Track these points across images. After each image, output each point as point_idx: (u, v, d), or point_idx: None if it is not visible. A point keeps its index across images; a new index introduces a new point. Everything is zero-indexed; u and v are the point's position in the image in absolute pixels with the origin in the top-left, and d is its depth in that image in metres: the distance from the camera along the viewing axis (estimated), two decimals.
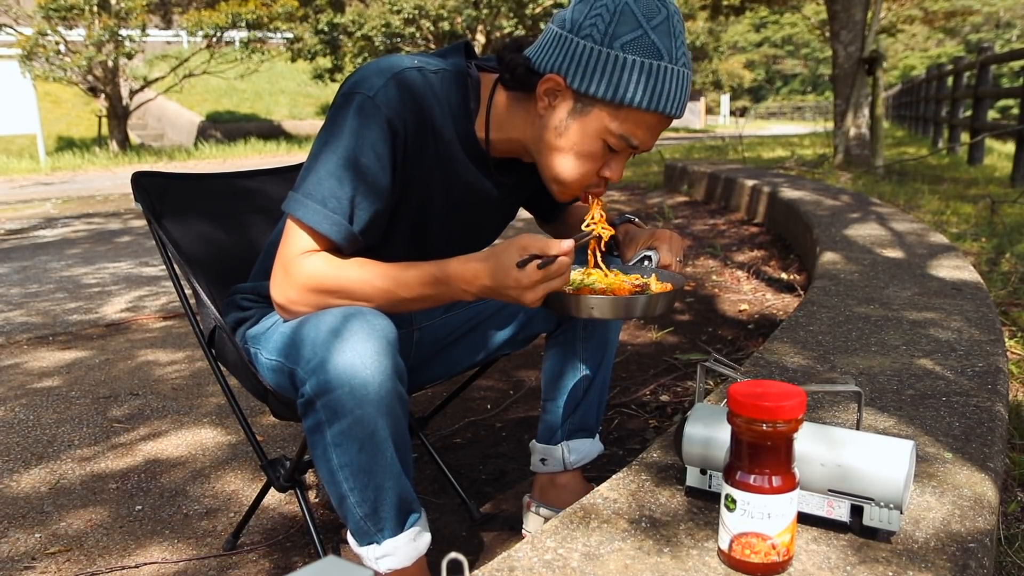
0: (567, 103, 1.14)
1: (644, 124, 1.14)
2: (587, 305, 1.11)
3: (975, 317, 1.98)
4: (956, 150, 9.96)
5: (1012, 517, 1.51)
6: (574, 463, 1.54)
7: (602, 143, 1.15)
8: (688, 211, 6.28)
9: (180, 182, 1.55)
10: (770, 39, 54.69)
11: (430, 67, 1.18)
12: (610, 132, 1.13)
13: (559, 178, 1.20)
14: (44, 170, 12.87)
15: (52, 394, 2.54)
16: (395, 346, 1.08)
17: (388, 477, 1.12)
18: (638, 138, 1.15)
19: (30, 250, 5.40)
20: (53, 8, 13.00)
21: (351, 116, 1.13)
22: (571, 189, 1.21)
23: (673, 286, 1.20)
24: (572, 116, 1.14)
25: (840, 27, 7.60)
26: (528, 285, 1.05)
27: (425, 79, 1.16)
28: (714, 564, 0.92)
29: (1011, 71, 29.08)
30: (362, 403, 1.05)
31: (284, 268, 1.15)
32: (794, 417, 0.85)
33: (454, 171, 1.24)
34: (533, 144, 1.20)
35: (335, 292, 1.13)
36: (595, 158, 1.17)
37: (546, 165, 1.20)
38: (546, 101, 1.15)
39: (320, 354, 1.05)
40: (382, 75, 1.13)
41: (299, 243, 1.14)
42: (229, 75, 16.41)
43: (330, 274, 1.13)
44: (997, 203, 5.05)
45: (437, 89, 1.18)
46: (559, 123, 1.15)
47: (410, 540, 1.17)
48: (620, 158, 1.19)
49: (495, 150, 1.25)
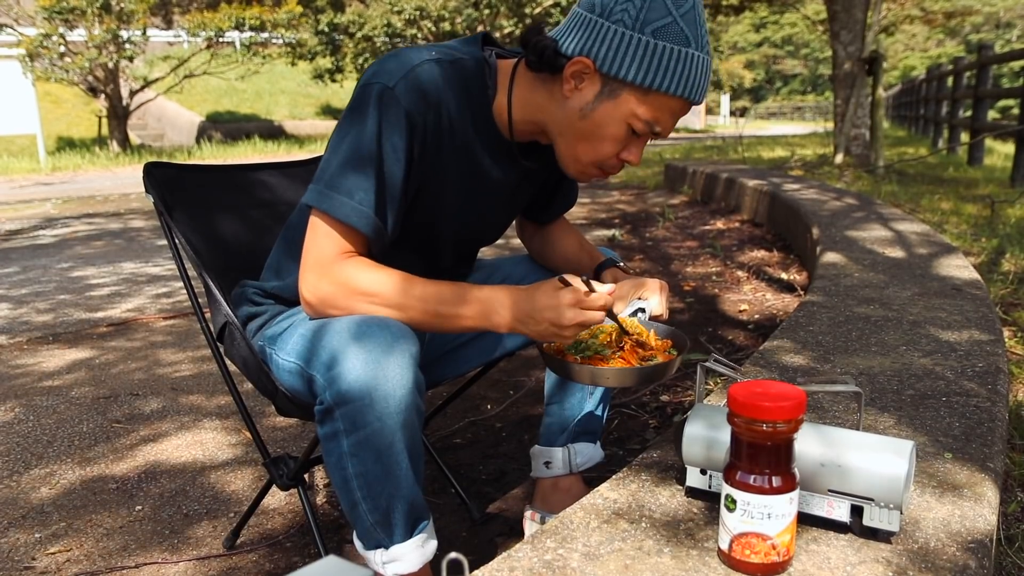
0: (595, 86, 1.15)
1: (669, 109, 1.15)
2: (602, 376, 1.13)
3: (975, 317, 1.98)
4: (956, 150, 9.95)
5: (1012, 517, 1.51)
6: (579, 466, 1.53)
7: (627, 127, 1.16)
8: (688, 211, 6.28)
9: (191, 174, 1.54)
10: (770, 39, 54.68)
11: (448, 57, 1.19)
12: (636, 116, 1.15)
13: (580, 158, 1.21)
14: (44, 170, 12.87)
15: (52, 394, 2.54)
16: (417, 359, 1.08)
17: (401, 487, 1.12)
18: (662, 123, 1.16)
19: (30, 250, 5.40)
20: (56, 10, 13.00)
21: (371, 107, 1.13)
22: (588, 170, 1.23)
23: (673, 341, 1.23)
24: (599, 99, 1.15)
25: (840, 27, 7.60)
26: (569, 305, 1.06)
27: (443, 70, 1.17)
28: (714, 564, 0.92)
29: (1011, 71, 29.08)
30: (382, 416, 1.05)
31: (320, 267, 1.14)
32: (794, 417, 0.85)
33: (469, 161, 1.24)
34: (555, 126, 1.20)
35: (370, 296, 1.12)
36: (618, 141, 1.18)
37: (568, 146, 1.20)
38: (572, 83, 1.15)
39: (342, 363, 1.05)
40: (402, 67, 1.13)
41: (332, 240, 1.14)
42: (229, 75, 16.41)
43: (368, 279, 1.12)
44: (997, 203, 5.05)
45: (455, 78, 1.18)
46: (585, 105, 1.16)
47: (418, 546, 1.17)
48: (641, 142, 1.20)
49: (518, 133, 1.25)
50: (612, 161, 1.21)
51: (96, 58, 13.51)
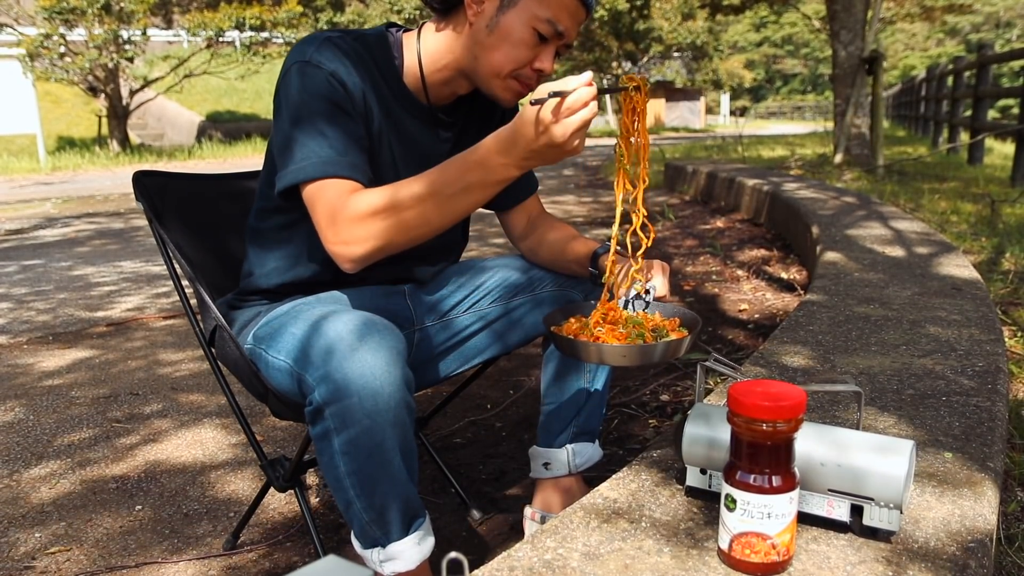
0: (494, 1, 1.22)
1: (565, 8, 1.22)
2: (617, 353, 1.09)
3: (975, 316, 1.98)
4: (956, 150, 9.95)
5: (1012, 517, 1.51)
6: (579, 466, 1.53)
7: (532, 31, 1.22)
8: (689, 211, 6.28)
9: (181, 182, 1.55)
10: (770, 39, 54.68)
11: (351, 35, 1.26)
12: (538, 19, 1.21)
13: (498, 71, 1.25)
14: (44, 170, 12.87)
15: (53, 394, 2.54)
16: (404, 356, 1.09)
17: (394, 484, 1.12)
18: (563, 22, 1.22)
19: (30, 250, 5.40)
20: (56, 10, 13.00)
21: (297, 84, 1.19)
22: (509, 83, 1.26)
23: (681, 320, 1.21)
24: (501, 11, 1.22)
25: (840, 27, 7.60)
26: (552, 122, 1.03)
27: (348, 43, 1.24)
28: (714, 564, 0.92)
29: (1011, 71, 29.07)
30: (372, 413, 1.05)
31: (331, 219, 1.15)
32: (794, 417, 0.85)
33: (397, 130, 1.30)
34: (467, 56, 1.26)
35: (390, 211, 1.13)
36: (527, 45, 1.23)
37: (483, 64, 1.25)
38: (475, 8, 1.23)
39: (331, 362, 1.05)
40: (311, 43, 1.22)
41: (329, 194, 1.16)
42: (229, 75, 16.41)
43: (374, 199, 1.14)
44: (997, 203, 5.05)
45: (362, 51, 1.25)
46: (489, 21, 1.23)
47: (414, 544, 1.17)
48: (550, 48, 1.25)
49: (434, 94, 1.32)
50: (527, 72, 1.25)
51: (96, 58, 13.52)
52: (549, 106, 1.03)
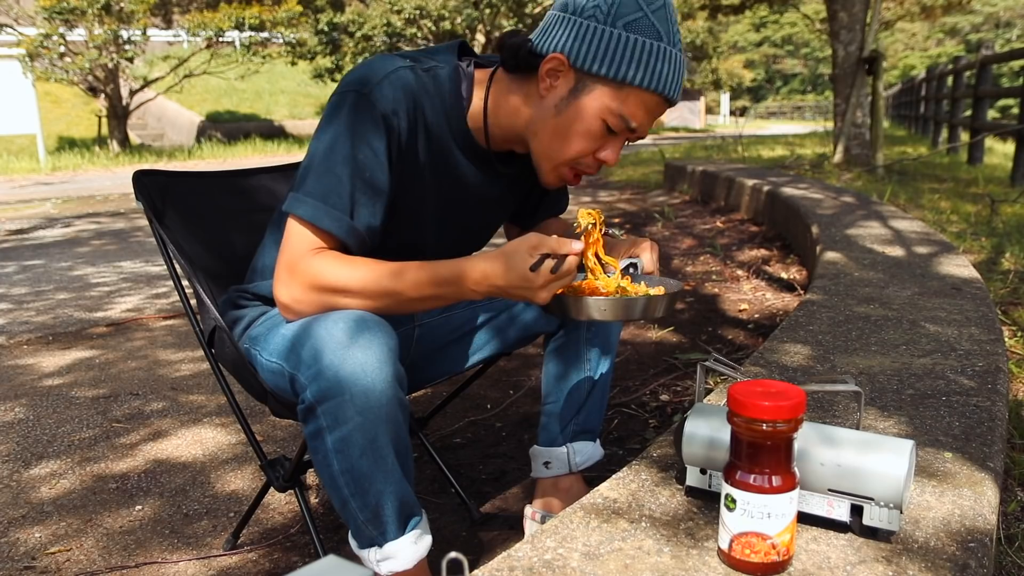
0: (569, 82, 1.15)
1: (643, 105, 1.15)
2: (596, 307, 1.10)
3: (975, 316, 1.98)
4: (956, 150, 9.95)
5: (1012, 517, 1.51)
6: (579, 465, 1.53)
7: (601, 123, 1.16)
8: (689, 210, 6.28)
9: (181, 180, 1.55)
10: (770, 39, 54.69)
11: (423, 65, 1.20)
12: (610, 111, 1.15)
13: (553, 157, 1.20)
14: (44, 170, 12.86)
15: (53, 394, 2.54)
16: (396, 352, 1.08)
17: (389, 482, 1.12)
18: (637, 120, 1.16)
19: (30, 250, 5.40)
20: (56, 11, 13.00)
21: (346, 114, 1.14)
22: (562, 171, 1.22)
23: (666, 289, 1.20)
24: (573, 95, 1.15)
25: (840, 27, 7.60)
26: (541, 285, 1.05)
27: (418, 77, 1.18)
28: (714, 564, 0.92)
29: (1011, 71, 29.06)
30: (363, 410, 1.05)
31: (289, 267, 1.15)
32: (794, 417, 0.85)
33: (447, 167, 1.25)
34: (530, 127, 1.20)
35: (340, 291, 1.13)
36: (593, 137, 1.18)
37: (542, 145, 1.20)
38: (548, 82, 1.16)
39: (321, 360, 1.05)
40: (376, 74, 1.15)
41: (304, 241, 1.14)
42: (229, 75, 16.40)
43: (336, 273, 1.13)
44: (997, 202, 5.05)
45: (430, 86, 1.19)
46: (560, 101, 1.16)
47: (411, 543, 1.17)
48: (618, 141, 1.20)
49: (494, 142, 1.26)
50: (588, 160, 1.21)
51: (96, 58, 13.51)
52: (545, 267, 1.04)
